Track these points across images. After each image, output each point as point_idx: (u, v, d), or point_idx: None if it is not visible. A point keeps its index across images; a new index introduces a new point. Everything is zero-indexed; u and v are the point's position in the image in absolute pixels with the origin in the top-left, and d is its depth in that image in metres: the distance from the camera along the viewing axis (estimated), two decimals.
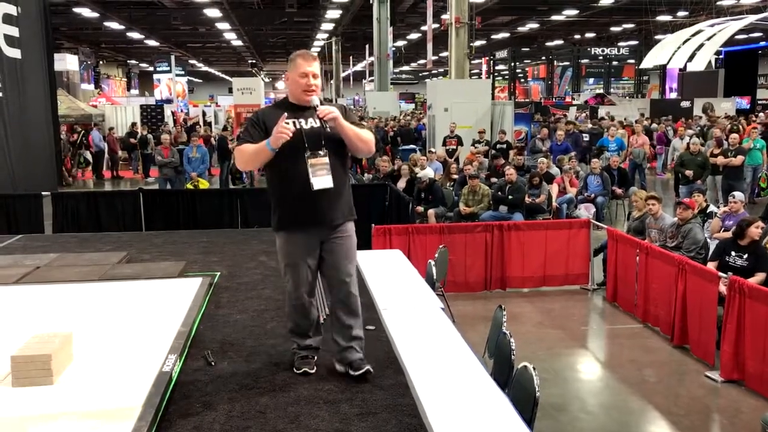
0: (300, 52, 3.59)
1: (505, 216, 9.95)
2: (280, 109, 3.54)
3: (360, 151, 3.61)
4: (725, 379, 5.49)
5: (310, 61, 3.53)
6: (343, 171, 3.57)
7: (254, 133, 3.49)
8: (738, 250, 6.24)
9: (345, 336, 3.57)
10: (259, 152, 3.39)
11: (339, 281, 3.57)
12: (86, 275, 5.47)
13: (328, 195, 3.45)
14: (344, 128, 3.44)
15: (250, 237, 7.50)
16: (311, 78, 3.50)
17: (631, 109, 26.07)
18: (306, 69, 3.49)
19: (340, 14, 28.02)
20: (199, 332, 4.29)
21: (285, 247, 3.59)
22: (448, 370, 3.51)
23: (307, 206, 3.46)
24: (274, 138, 3.30)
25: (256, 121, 3.55)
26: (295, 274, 3.55)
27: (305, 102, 3.50)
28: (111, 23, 28.03)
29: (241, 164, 3.60)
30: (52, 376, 3.32)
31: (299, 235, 3.53)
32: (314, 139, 3.44)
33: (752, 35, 32.18)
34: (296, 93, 3.54)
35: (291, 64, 3.56)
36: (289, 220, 3.54)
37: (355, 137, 3.49)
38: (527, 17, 31.90)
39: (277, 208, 3.58)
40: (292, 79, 3.54)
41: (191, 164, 13.09)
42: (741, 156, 11.89)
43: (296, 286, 3.56)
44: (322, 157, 3.40)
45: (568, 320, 7.20)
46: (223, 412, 3.21)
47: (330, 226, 3.53)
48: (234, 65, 54.82)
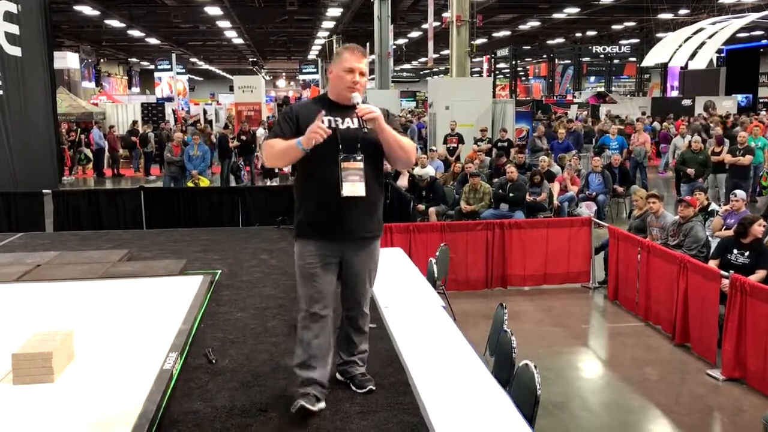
0: (348, 46, 3.30)
1: (506, 214, 9.94)
2: (317, 105, 3.25)
3: (399, 160, 3.28)
4: (726, 378, 5.49)
5: (359, 56, 3.25)
6: (376, 180, 3.26)
7: (285, 127, 3.22)
8: (740, 248, 6.23)
9: (349, 351, 3.43)
10: (289, 150, 3.10)
11: (353, 301, 3.36)
12: (87, 273, 5.47)
13: (358, 205, 3.15)
14: (385, 132, 3.15)
15: (251, 235, 7.50)
16: (357, 75, 3.22)
17: (632, 107, 26.05)
18: (353, 64, 3.21)
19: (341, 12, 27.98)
20: (199, 330, 4.29)
21: (302, 256, 3.25)
22: (449, 369, 3.51)
23: (333, 214, 3.16)
24: (306, 137, 3.02)
25: (289, 115, 3.27)
26: (311, 287, 3.22)
27: (346, 100, 3.22)
28: (112, 21, 28.00)
29: (267, 160, 3.29)
30: (52, 374, 3.33)
31: (319, 245, 3.22)
32: (350, 141, 3.15)
33: (754, 33, 32.14)
34: (338, 89, 3.24)
35: (336, 58, 3.30)
36: (310, 227, 3.24)
37: (396, 144, 3.19)
38: (528, 15, 31.84)
39: (300, 211, 3.29)
40: (336, 74, 3.24)
41: (192, 162, 13.08)
42: (749, 155, 11.86)
43: (311, 301, 3.23)
44: (356, 162, 3.11)
45: (569, 318, 7.19)
46: (224, 410, 3.21)
47: (354, 239, 3.24)
48: (235, 63, 54.78)
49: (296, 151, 3.07)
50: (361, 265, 3.30)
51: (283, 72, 64.48)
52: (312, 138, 3.00)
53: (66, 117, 20.96)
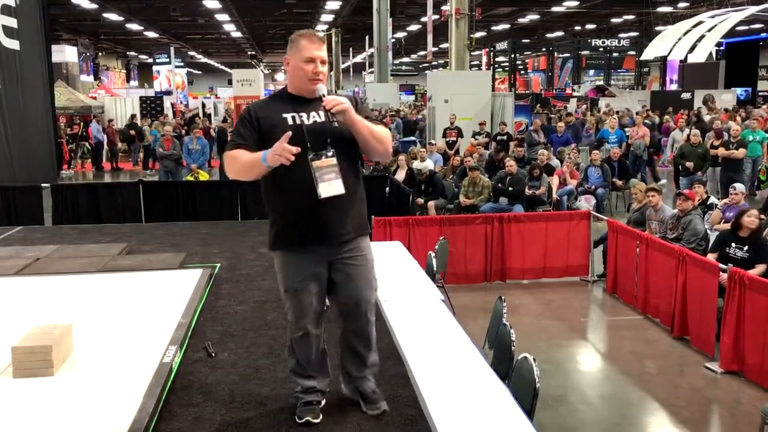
0: (304, 32, 2.95)
1: (506, 208, 9.94)
2: (277, 102, 2.98)
3: (375, 151, 2.97)
4: (725, 370, 5.50)
5: (318, 43, 2.91)
6: (354, 175, 2.97)
7: (246, 134, 2.89)
8: (738, 242, 6.24)
9: (357, 366, 3.13)
10: (253, 166, 2.79)
11: (355, 310, 3.03)
12: (86, 267, 5.47)
13: (339, 204, 2.87)
14: (356, 123, 2.85)
15: (250, 228, 7.50)
16: (318, 64, 2.89)
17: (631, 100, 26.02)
18: (313, 53, 2.88)
19: (340, 5, 27.94)
20: (199, 323, 4.29)
21: (284, 270, 3.00)
22: (448, 362, 3.51)
23: (312, 219, 2.88)
24: (271, 156, 2.70)
25: (248, 119, 2.92)
26: (297, 301, 2.97)
27: (309, 93, 2.92)
28: (110, 14, 27.95)
29: (231, 174, 2.92)
30: (52, 368, 3.33)
31: (302, 255, 2.94)
32: (318, 137, 2.84)
33: (753, 26, 32.07)
34: (298, 82, 2.94)
35: (292, 46, 2.92)
36: (288, 237, 2.94)
37: (369, 134, 2.89)
38: (528, 8, 31.78)
39: (275, 223, 2.99)
40: (294, 65, 2.92)
41: (191, 156, 13.07)
42: (743, 148, 11.87)
43: (299, 316, 2.98)
44: (329, 159, 2.81)
45: (568, 312, 7.20)
46: (224, 403, 3.22)
47: (338, 243, 2.95)
48: (233, 56, 54.67)
49: (262, 168, 2.77)
50: (354, 269, 3.00)
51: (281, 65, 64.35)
52: (278, 161, 2.69)
53: (64, 111, 20.93)
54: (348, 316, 3.06)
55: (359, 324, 3.07)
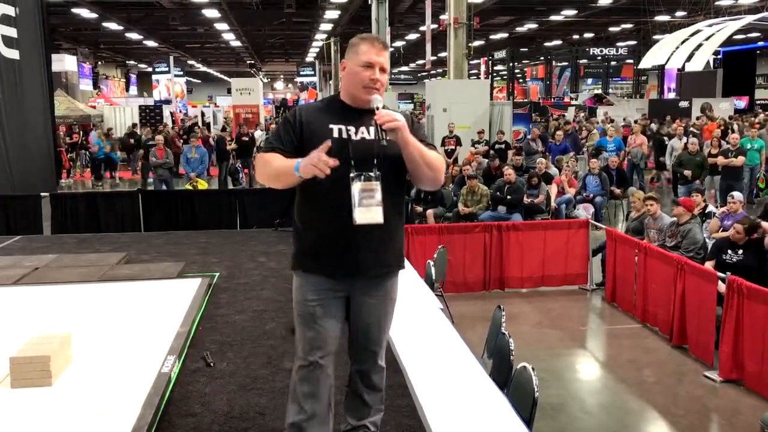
0: (366, 36, 2.69)
1: (504, 216, 9.95)
2: (327, 110, 2.69)
3: (425, 179, 2.64)
4: (724, 379, 5.49)
5: (379, 49, 2.63)
6: (396, 203, 2.68)
7: (286, 138, 2.62)
8: (733, 248, 6.26)
9: (358, 415, 2.84)
10: (283, 174, 2.52)
11: (365, 350, 2.78)
12: (85, 276, 5.47)
13: (374, 234, 2.58)
14: (408, 144, 2.53)
15: (249, 237, 7.50)
16: (377, 71, 2.61)
17: (629, 109, 26.08)
18: (372, 58, 2.60)
19: (339, 15, 28.00)
20: (198, 333, 4.29)
21: (302, 293, 2.69)
22: (446, 371, 3.51)
23: (343, 245, 2.60)
24: (304, 166, 2.42)
25: (291, 123, 2.65)
26: (311, 330, 2.65)
27: (363, 103, 2.62)
28: (109, 24, 28.00)
29: (260, 178, 2.67)
30: (50, 378, 3.32)
31: (324, 279, 2.65)
32: (364, 156, 2.55)
33: (750, 35, 32.19)
34: (353, 89, 2.63)
35: (351, 49, 2.67)
36: (313, 259, 2.66)
37: (422, 160, 2.57)
38: (526, 17, 31.88)
39: (301, 238, 2.71)
40: (351, 70, 2.64)
41: (190, 164, 13.09)
42: (742, 157, 11.91)
43: (312, 346, 2.65)
44: (372, 182, 2.51)
45: (567, 320, 7.20)
46: (222, 413, 3.21)
47: (368, 276, 2.67)
48: (233, 66, 54.77)
49: (293, 178, 2.49)
50: (375, 308, 2.73)
51: (280, 74, 64.51)
52: (311, 172, 2.41)
53: (64, 120, 20.96)
54: (355, 353, 2.80)
55: (367, 366, 2.80)
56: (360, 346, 2.77)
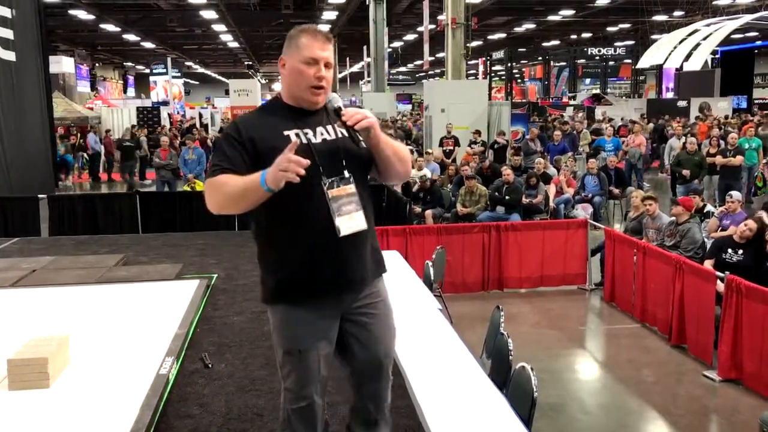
0: (306, 27, 2.39)
1: (503, 216, 9.95)
2: (271, 116, 2.40)
3: (396, 174, 2.47)
4: (723, 379, 5.49)
5: (322, 42, 2.35)
6: (370, 203, 2.46)
7: (235, 157, 2.28)
8: (734, 247, 6.26)
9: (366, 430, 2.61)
10: (249, 191, 2.18)
11: (376, 372, 2.50)
12: (83, 278, 5.46)
13: (357, 241, 2.36)
14: (381, 141, 2.35)
15: (247, 239, 7.46)
16: (322, 67, 2.34)
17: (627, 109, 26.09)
18: (316, 53, 2.32)
19: (337, 15, 28.02)
20: (196, 335, 4.28)
21: (287, 328, 2.40)
22: (445, 371, 3.51)
23: (329, 262, 2.34)
24: (273, 175, 2.11)
25: (236, 139, 2.31)
26: (303, 366, 2.39)
27: (310, 103, 2.37)
28: (107, 25, 28.01)
29: (214, 205, 2.27)
30: (48, 380, 3.31)
31: (311, 307, 2.37)
32: (331, 159, 2.32)
33: (748, 35, 32.24)
34: (296, 89, 2.37)
35: (290, 43, 2.36)
36: (297, 286, 2.36)
37: (395, 156, 2.41)
38: (524, 18, 31.92)
39: (275, 270, 2.39)
40: (292, 67, 2.35)
41: (188, 166, 13.08)
42: (740, 156, 11.92)
43: (303, 383, 2.40)
44: (346, 185, 2.31)
45: (566, 320, 7.19)
46: (220, 415, 3.21)
47: (359, 289, 2.44)
48: (230, 66, 54.79)
49: (260, 193, 2.16)
50: (374, 320, 2.48)
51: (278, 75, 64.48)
52: (283, 178, 2.10)
53: (61, 121, 20.94)
54: (365, 377, 2.52)
55: (377, 387, 2.54)
56: (367, 365, 2.49)
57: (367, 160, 2.41)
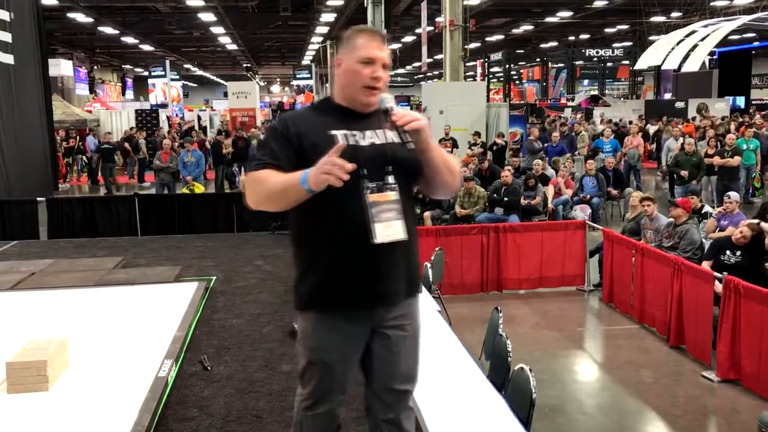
0: (362, 28, 2.35)
1: (501, 218, 9.95)
2: (321, 116, 2.31)
3: (444, 186, 2.38)
4: (721, 379, 5.49)
5: (379, 42, 2.29)
6: (413, 216, 2.40)
7: (280, 151, 2.22)
8: (732, 249, 6.27)
9: None
10: (289, 190, 2.11)
11: (393, 392, 2.39)
12: (82, 281, 5.47)
13: (395, 253, 2.26)
14: (431, 148, 2.25)
15: (245, 241, 7.50)
16: (379, 68, 2.26)
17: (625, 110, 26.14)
18: (373, 53, 2.25)
19: (335, 18, 28.03)
20: (195, 337, 4.29)
21: (315, 337, 2.30)
22: (444, 373, 3.51)
23: (362, 271, 2.24)
24: (315, 176, 2.04)
25: (283, 133, 2.25)
26: (327, 377, 2.30)
27: (363, 105, 2.28)
28: (105, 28, 28.00)
29: (254, 200, 2.21)
30: (47, 383, 3.32)
31: (342, 319, 2.28)
32: (377, 164, 2.22)
33: (746, 36, 32.30)
34: (350, 89, 2.28)
35: (347, 43, 2.30)
36: (328, 295, 2.27)
37: (444, 165, 2.31)
38: (521, 19, 31.94)
39: (310, 273, 2.29)
40: (347, 68, 2.27)
41: (186, 168, 13.07)
42: (738, 156, 11.94)
43: (323, 393, 2.32)
44: (389, 192, 2.20)
45: (565, 321, 7.20)
46: (220, 417, 3.21)
47: (392, 303, 2.33)
48: (229, 69, 54.79)
49: (300, 193, 2.09)
50: (401, 341, 2.37)
51: (277, 77, 64.55)
52: (325, 181, 2.03)
53: (60, 124, 20.93)
54: (379, 399, 2.39)
55: (396, 409, 2.42)
56: (387, 388, 2.37)
57: (415, 169, 2.30)
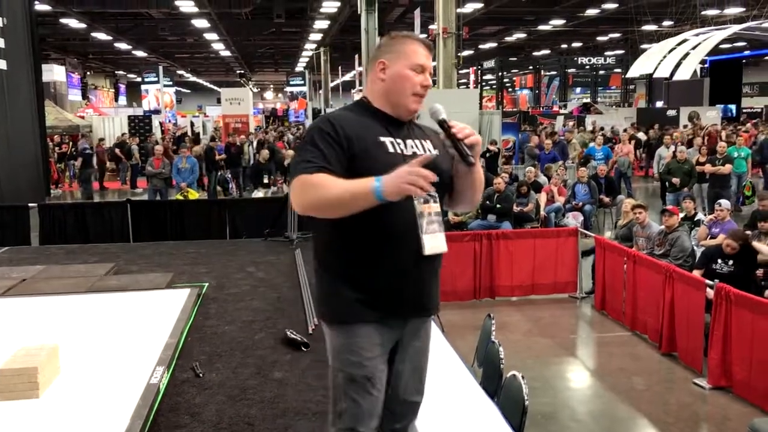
0: (410, 35, 2.31)
1: (494, 225, 9.97)
2: (366, 119, 2.21)
3: (470, 201, 2.41)
4: (713, 386, 5.51)
5: (428, 50, 2.27)
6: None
7: (332, 155, 2.08)
8: (724, 258, 6.29)
9: None
10: (357, 198, 1.99)
11: (407, 404, 2.35)
12: (73, 287, 5.44)
13: (434, 267, 2.27)
14: (477, 165, 2.25)
15: (238, 248, 7.48)
16: (428, 76, 2.27)
17: (617, 118, 26.25)
18: (425, 61, 2.24)
19: (329, 25, 28.09)
20: (187, 344, 4.27)
21: (355, 352, 2.17)
22: (437, 380, 3.51)
23: (409, 283, 2.20)
24: (395, 185, 1.93)
25: (334, 137, 2.11)
26: (367, 398, 2.16)
27: (406, 113, 2.25)
28: (98, 34, 27.98)
29: (307, 204, 2.05)
30: (38, 390, 3.30)
31: (378, 331, 2.18)
32: None
33: (736, 44, 32.55)
34: (396, 95, 2.22)
35: (394, 47, 2.25)
36: (371, 305, 2.17)
37: (479, 180, 2.33)
38: (514, 27, 32.10)
39: (353, 280, 2.17)
40: (398, 73, 2.21)
41: (180, 174, 13.05)
42: (729, 164, 12.01)
43: (364, 418, 2.18)
44: (433, 203, 2.17)
45: (557, 329, 7.21)
46: (211, 424, 3.20)
47: (426, 317, 2.33)
48: (222, 75, 54.80)
49: (369, 202, 1.98)
50: (422, 351, 2.34)
51: (270, 84, 64.56)
52: (407, 192, 1.94)
53: (52, 130, 20.86)
54: (395, 412, 2.32)
55: (405, 423, 2.37)
56: (403, 400, 2.32)
57: (447, 182, 2.29)
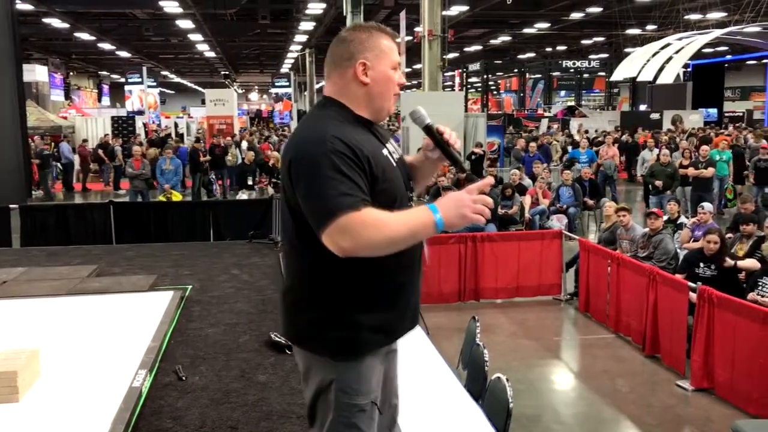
0: (382, 27, 2.05)
1: (478, 227, 9.98)
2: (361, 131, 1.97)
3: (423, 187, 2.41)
4: (696, 388, 5.55)
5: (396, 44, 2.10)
6: None
7: (360, 182, 1.84)
8: (706, 262, 6.34)
9: None
10: (419, 233, 1.87)
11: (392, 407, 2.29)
12: (55, 289, 5.38)
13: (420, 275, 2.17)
14: None
15: (222, 250, 7.44)
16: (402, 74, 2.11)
17: (601, 121, 26.43)
18: (398, 57, 2.07)
19: (314, 26, 28.05)
20: (169, 347, 4.24)
21: (366, 383, 1.99)
22: (421, 382, 3.51)
23: (415, 296, 2.10)
24: (461, 216, 1.82)
25: (353, 158, 1.85)
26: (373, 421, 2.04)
27: (387, 115, 2.10)
28: (81, 34, 27.76)
29: (374, 247, 1.83)
30: (17, 394, 3.26)
31: (382, 354, 2.06)
32: (408, 180, 2.09)
33: (719, 49, 32.89)
34: (383, 100, 2.02)
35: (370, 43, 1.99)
36: (384, 331, 2.01)
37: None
38: (499, 30, 32.24)
39: (368, 316, 1.96)
40: (383, 75, 1.99)
41: (164, 176, 12.97)
42: (712, 168, 12.12)
43: None
44: None
45: (542, 331, 7.23)
46: (194, 428, 3.17)
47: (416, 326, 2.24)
48: (207, 76, 54.58)
49: (430, 234, 1.86)
50: (397, 354, 2.25)
51: (255, 85, 64.38)
52: (473, 221, 1.83)
53: (34, 131, 20.69)
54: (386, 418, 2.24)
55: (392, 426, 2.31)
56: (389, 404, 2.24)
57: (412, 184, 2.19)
